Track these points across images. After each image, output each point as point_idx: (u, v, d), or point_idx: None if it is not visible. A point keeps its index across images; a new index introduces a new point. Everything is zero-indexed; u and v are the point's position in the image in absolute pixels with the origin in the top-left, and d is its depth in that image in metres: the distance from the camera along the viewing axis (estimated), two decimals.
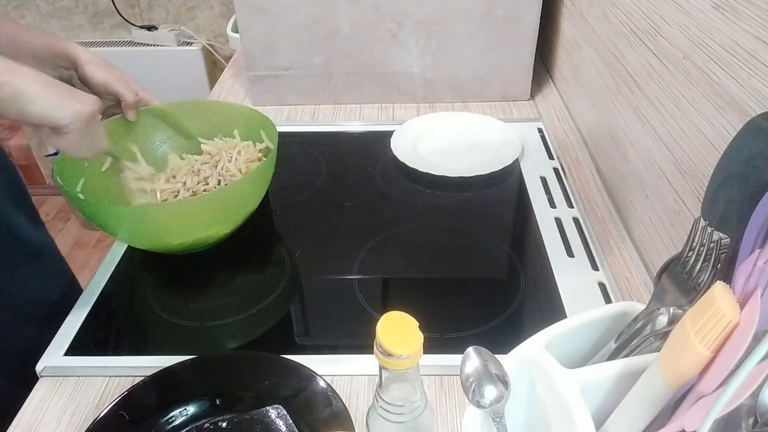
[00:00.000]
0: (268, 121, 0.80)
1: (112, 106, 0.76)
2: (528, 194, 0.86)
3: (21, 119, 0.56)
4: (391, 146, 0.95)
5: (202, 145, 0.82)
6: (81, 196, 0.71)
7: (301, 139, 1.03)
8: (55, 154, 0.73)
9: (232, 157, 0.79)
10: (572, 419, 0.39)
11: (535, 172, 0.91)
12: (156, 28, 2.04)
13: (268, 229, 0.83)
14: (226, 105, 0.88)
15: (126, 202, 0.75)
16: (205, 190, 0.77)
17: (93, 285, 0.72)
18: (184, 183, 0.77)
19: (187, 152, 0.83)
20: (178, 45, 2.03)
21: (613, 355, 0.45)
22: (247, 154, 0.80)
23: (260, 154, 0.81)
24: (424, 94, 1.11)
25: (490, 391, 0.41)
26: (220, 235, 0.74)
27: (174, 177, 0.79)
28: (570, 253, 0.75)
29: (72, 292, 0.72)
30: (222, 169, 0.78)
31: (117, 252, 0.77)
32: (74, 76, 0.76)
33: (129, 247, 0.78)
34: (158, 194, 0.76)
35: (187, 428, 0.55)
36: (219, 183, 0.77)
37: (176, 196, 0.76)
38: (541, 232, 0.78)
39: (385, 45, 1.05)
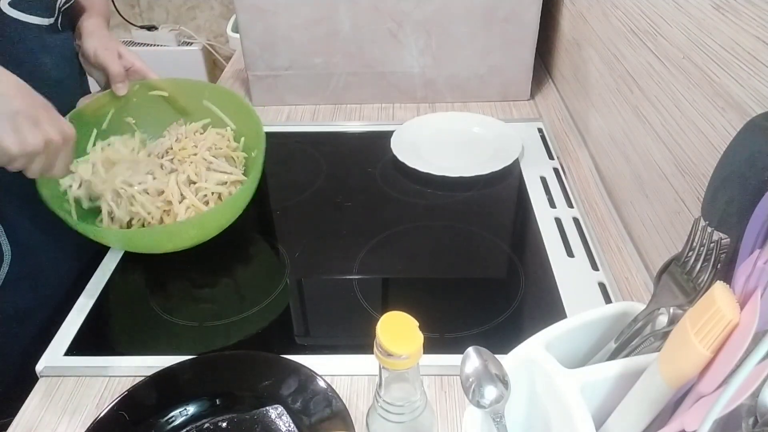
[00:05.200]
0: (255, 116, 0.78)
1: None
2: (528, 194, 0.86)
3: None
4: (391, 146, 0.95)
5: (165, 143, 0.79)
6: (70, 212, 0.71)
7: (301, 139, 1.03)
8: None
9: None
10: (572, 419, 0.39)
11: (535, 172, 0.91)
12: (156, 28, 2.04)
13: (269, 229, 0.83)
14: (218, 90, 0.85)
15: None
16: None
17: (93, 285, 0.72)
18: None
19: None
20: (178, 45, 2.04)
21: (613, 355, 0.45)
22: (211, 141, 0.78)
23: (230, 141, 0.80)
24: (424, 94, 1.11)
25: (490, 391, 0.41)
26: (197, 243, 0.74)
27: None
28: (570, 253, 0.74)
29: (72, 291, 0.72)
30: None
31: (117, 252, 0.77)
32: (80, 47, 0.77)
33: None
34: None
35: (187, 428, 0.55)
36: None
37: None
38: (541, 232, 0.78)
39: (385, 45, 1.05)
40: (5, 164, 0.57)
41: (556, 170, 0.91)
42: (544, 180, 0.89)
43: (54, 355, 0.63)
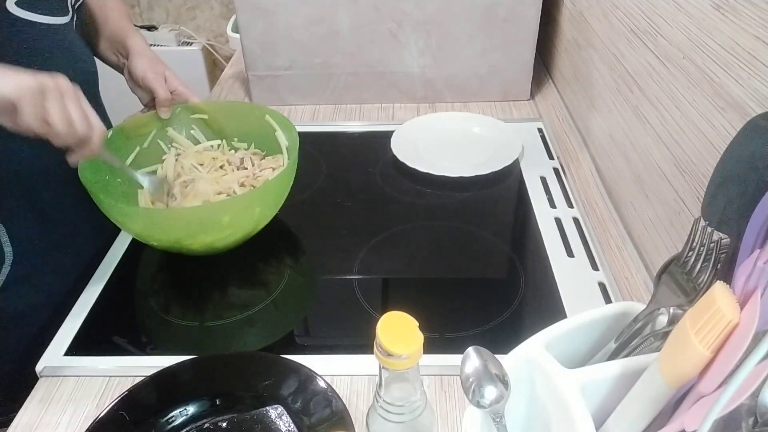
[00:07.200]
0: (290, 125, 0.81)
1: (152, 99, 0.80)
2: (528, 194, 0.86)
3: None
4: (391, 146, 0.95)
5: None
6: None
7: (301, 139, 1.02)
8: None
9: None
10: (572, 419, 0.39)
11: (535, 172, 0.91)
12: (156, 28, 2.04)
13: (269, 229, 0.83)
14: (251, 107, 0.89)
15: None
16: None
17: (93, 285, 0.72)
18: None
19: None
20: (178, 45, 2.04)
21: (613, 355, 0.45)
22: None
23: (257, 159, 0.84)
24: (424, 94, 1.11)
25: (490, 391, 0.41)
26: (231, 241, 0.73)
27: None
28: (570, 253, 0.74)
29: (72, 291, 0.72)
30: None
31: (117, 252, 0.77)
32: (126, 66, 0.78)
33: (129, 247, 0.78)
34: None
35: (187, 428, 0.55)
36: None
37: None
38: (541, 232, 0.78)
39: (385, 45, 1.05)
40: (10, 113, 0.55)
41: (556, 170, 0.91)
42: (544, 180, 0.89)
43: (54, 355, 0.63)
